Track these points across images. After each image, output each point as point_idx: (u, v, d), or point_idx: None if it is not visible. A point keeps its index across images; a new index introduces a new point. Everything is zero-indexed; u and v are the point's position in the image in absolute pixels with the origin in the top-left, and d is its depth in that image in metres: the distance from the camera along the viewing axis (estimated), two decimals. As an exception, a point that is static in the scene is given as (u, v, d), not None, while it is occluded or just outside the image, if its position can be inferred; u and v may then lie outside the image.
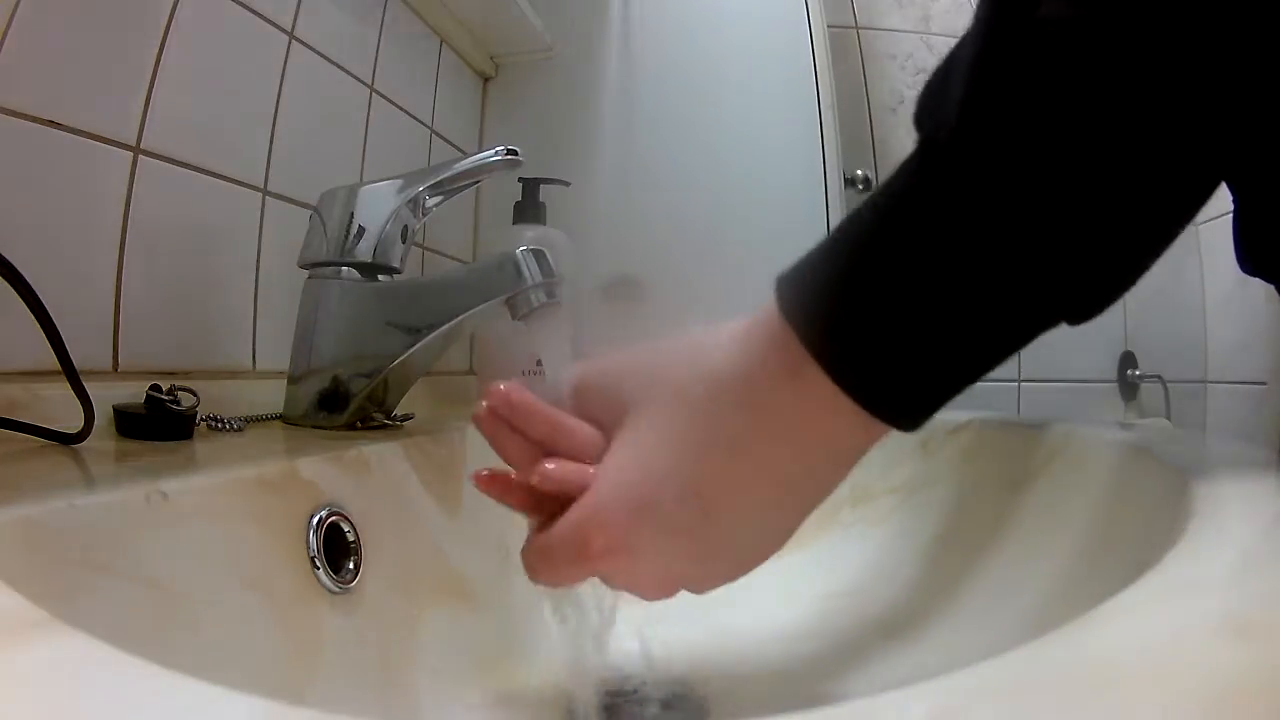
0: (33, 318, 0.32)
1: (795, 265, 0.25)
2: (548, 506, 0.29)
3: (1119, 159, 0.20)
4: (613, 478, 0.28)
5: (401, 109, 0.75)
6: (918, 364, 0.23)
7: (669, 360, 0.28)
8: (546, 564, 0.28)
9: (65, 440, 0.33)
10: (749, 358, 0.25)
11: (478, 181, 0.50)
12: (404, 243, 0.50)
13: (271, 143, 0.56)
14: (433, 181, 0.48)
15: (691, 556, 0.27)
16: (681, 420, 0.27)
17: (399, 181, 0.49)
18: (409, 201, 0.49)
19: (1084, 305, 0.23)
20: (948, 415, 0.49)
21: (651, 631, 0.33)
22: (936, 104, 0.23)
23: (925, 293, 0.22)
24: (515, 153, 0.47)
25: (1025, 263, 0.22)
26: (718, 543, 0.27)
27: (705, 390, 0.26)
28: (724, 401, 0.26)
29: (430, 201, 0.50)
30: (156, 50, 0.46)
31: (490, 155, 0.47)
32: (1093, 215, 0.21)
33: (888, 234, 0.23)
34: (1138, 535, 0.27)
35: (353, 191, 0.49)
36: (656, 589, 0.29)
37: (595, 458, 0.29)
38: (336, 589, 0.31)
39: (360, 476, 0.36)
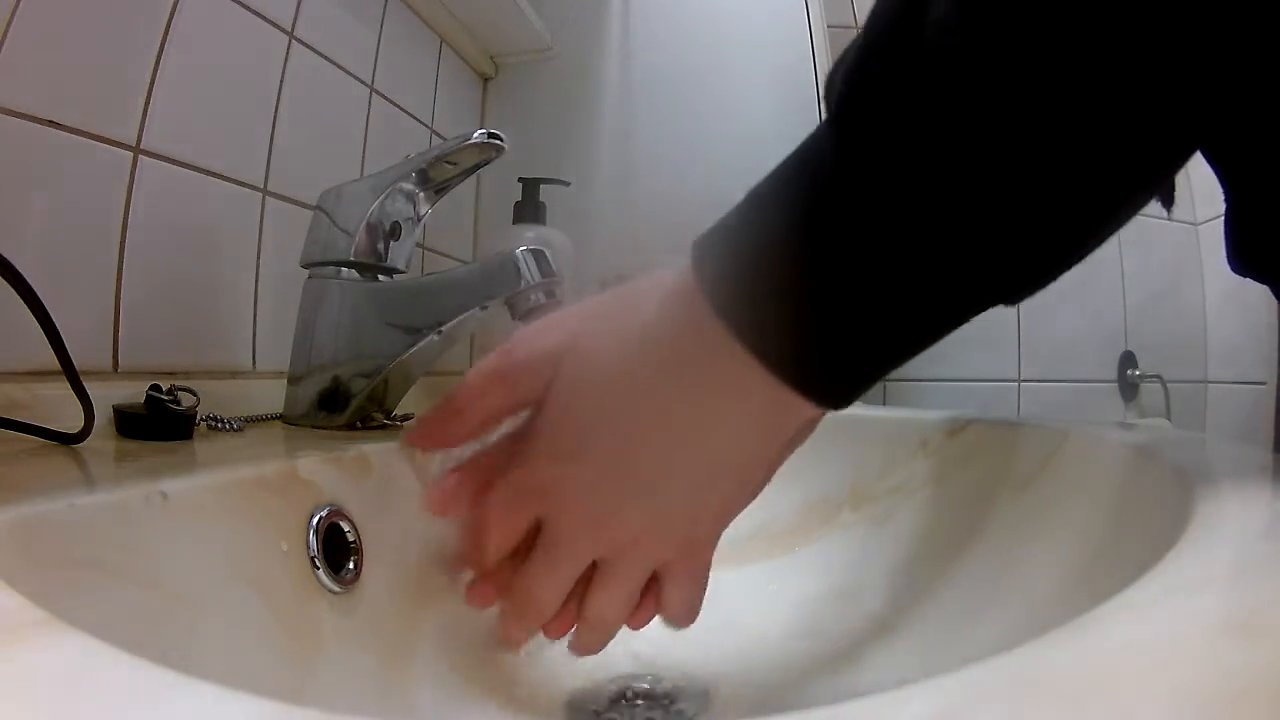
0: (33, 318, 0.32)
1: (713, 236, 0.25)
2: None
3: (988, 151, 0.20)
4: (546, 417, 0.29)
5: (401, 109, 0.75)
6: (842, 345, 0.23)
7: (593, 327, 0.29)
8: (494, 497, 0.29)
9: (65, 440, 0.33)
10: (673, 337, 0.26)
11: (468, 171, 0.49)
12: (396, 239, 0.49)
13: (271, 143, 0.56)
14: (417, 168, 0.48)
15: (617, 488, 0.27)
16: (602, 385, 0.27)
17: (385, 175, 0.48)
18: (405, 196, 0.49)
19: (1004, 290, 0.22)
20: (948, 415, 0.49)
21: (651, 631, 0.33)
22: (827, 90, 0.24)
23: (833, 273, 0.22)
24: (499, 136, 0.47)
25: (915, 248, 0.21)
26: (640, 482, 0.27)
27: (629, 358, 0.27)
28: (647, 368, 0.26)
29: (424, 204, 0.50)
30: (156, 50, 0.46)
31: (471, 137, 0.47)
32: (975, 207, 0.21)
33: (788, 215, 0.23)
34: (1138, 535, 0.27)
35: (351, 189, 0.49)
36: (586, 517, 0.28)
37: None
38: (336, 589, 0.31)
39: (360, 476, 0.36)
